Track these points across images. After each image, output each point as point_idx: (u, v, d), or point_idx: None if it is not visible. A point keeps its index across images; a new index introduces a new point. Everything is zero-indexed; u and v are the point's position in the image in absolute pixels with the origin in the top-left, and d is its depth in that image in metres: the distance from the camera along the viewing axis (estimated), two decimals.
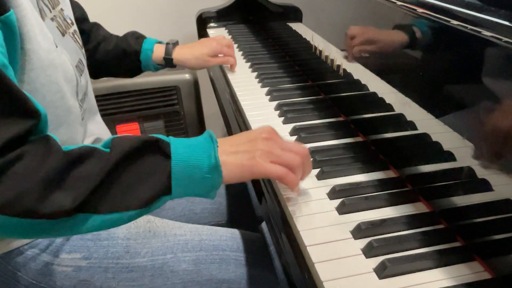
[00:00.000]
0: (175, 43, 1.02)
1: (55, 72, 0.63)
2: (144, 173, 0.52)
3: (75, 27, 0.79)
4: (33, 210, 0.47)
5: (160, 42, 1.02)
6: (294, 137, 0.76)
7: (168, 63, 1.01)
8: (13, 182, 0.46)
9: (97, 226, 0.51)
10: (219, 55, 1.05)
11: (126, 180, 0.51)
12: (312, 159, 0.69)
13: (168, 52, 1.00)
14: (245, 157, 0.57)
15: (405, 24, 0.63)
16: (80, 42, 0.79)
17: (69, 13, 0.77)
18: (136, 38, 1.01)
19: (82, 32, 0.93)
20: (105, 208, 0.50)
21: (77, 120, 0.71)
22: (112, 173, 0.51)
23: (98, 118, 0.86)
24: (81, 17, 0.96)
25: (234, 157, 0.57)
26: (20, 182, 0.46)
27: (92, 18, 1.02)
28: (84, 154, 0.51)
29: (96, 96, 0.87)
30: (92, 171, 0.50)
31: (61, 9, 0.73)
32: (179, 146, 0.55)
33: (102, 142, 0.54)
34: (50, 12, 0.67)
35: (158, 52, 1.00)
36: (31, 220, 0.47)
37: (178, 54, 1.00)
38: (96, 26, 1.02)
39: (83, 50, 0.80)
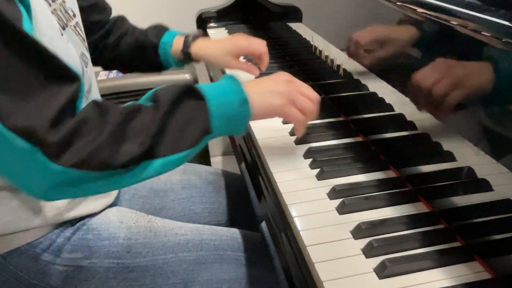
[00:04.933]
0: (197, 35, 0.92)
1: None
2: (188, 116, 0.59)
3: (77, 19, 0.76)
4: (109, 162, 0.52)
5: (183, 35, 0.92)
6: (294, 137, 0.76)
7: (187, 57, 0.91)
8: (86, 140, 0.51)
9: (159, 170, 0.57)
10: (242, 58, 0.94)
11: (175, 125, 0.57)
12: (312, 159, 0.69)
13: (186, 46, 0.89)
14: (271, 96, 0.65)
15: (405, 24, 0.63)
16: (83, 35, 0.77)
17: (71, 4, 0.75)
18: (158, 30, 0.93)
19: (99, 22, 0.91)
20: (164, 152, 0.56)
21: None
22: (164, 120, 0.56)
23: None
24: (92, 3, 0.91)
25: (261, 95, 0.64)
26: (93, 138, 0.52)
27: None
28: (136, 109, 0.56)
29: None
30: (147, 121, 0.56)
31: (63, 1, 0.71)
32: (208, 88, 0.61)
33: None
34: (50, 5, 0.66)
35: (177, 45, 0.90)
36: (107, 172, 0.53)
37: (197, 48, 0.89)
38: (121, 19, 0.97)
39: (86, 43, 0.79)
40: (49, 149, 0.49)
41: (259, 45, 0.89)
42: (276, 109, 0.65)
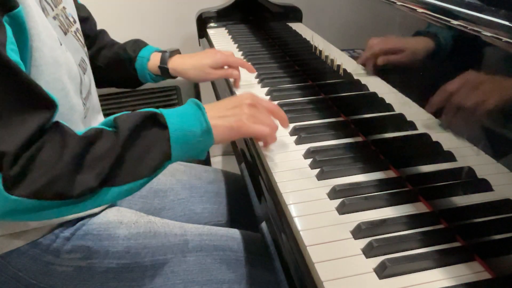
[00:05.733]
0: (174, 51, 0.94)
1: (59, 69, 0.63)
2: (148, 144, 0.58)
3: (77, 25, 0.78)
4: (65, 193, 0.52)
5: (161, 51, 0.93)
6: (295, 137, 0.76)
7: (165, 73, 0.92)
8: (43, 169, 0.51)
9: (116, 197, 0.57)
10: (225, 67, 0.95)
11: (135, 153, 0.57)
12: (312, 159, 0.69)
13: (163, 61, 0.91)
14: (233, 120, 0.64)
15: (405, 24, 0.63)
16: (83, 41, 0.79)
17: (71, 11, 0.77)
18: (136, 45, 0.94)
19: (86, 36, 0.90)
20: (122, 180, 0.56)
21: (79, 118, 0.71)
22: (124, 149, 0.56)
23: (101, 118, 0.86)
24: (84, 17, 0.92)
25: (223, 120, 0.64)
26: (49, 169, 0.51)
27: None
28: (95, 135, 0.56)
29: None
30: (106, 150, 0.55)
31: (63, 7, 0.72)
32: (172, 116, 0.61)
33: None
34: (53, 10, 0.67)
35: (154, 60, 0.92)
36: (62, 201, 0.53)
37: (175, 64, 0.91)
38: (102, 33, 0.98)
39: (86, 49, 0.80)
40: (6, 178, 0.49)
41: (236, 58, 0.95)
42: (237, 130, 0.64)
